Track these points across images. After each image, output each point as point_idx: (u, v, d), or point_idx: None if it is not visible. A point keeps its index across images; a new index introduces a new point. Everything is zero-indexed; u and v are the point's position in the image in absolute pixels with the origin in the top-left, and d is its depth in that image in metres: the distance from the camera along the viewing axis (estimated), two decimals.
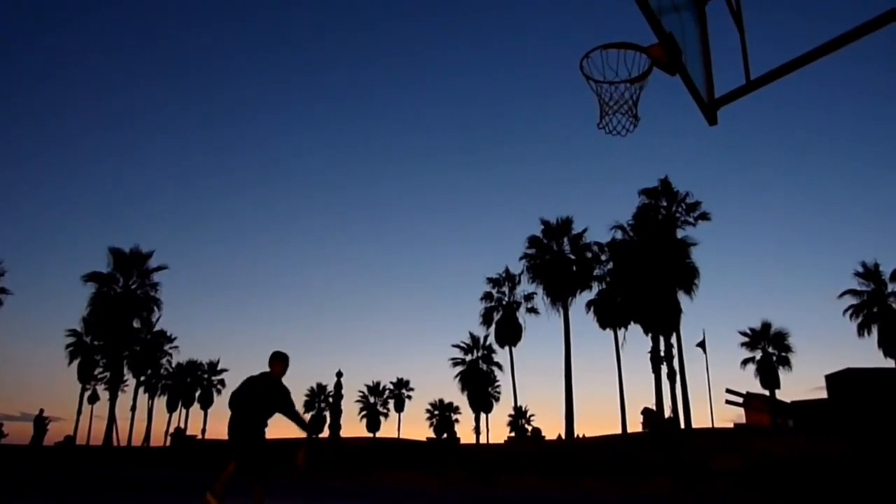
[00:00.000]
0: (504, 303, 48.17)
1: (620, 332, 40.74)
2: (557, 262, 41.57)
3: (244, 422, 7.15)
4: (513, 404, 51.81)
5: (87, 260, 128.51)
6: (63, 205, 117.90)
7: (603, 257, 41.07)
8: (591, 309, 41.78)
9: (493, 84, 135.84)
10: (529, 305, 46.81)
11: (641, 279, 35.65)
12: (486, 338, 52.39)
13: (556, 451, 37.48)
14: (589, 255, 41.86)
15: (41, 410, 37.04)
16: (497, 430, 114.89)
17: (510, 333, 47.24)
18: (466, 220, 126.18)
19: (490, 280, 48.49)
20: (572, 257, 41.90)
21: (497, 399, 57.87)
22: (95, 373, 51.78)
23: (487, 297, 48.26)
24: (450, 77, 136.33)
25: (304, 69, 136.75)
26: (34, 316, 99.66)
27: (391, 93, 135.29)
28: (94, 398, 49.31)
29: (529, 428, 78.65)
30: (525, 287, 47.23)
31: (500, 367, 53.45)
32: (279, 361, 7.17)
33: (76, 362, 50.14)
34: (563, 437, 42.04)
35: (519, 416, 65.30)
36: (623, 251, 38.01)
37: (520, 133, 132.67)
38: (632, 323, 38.41)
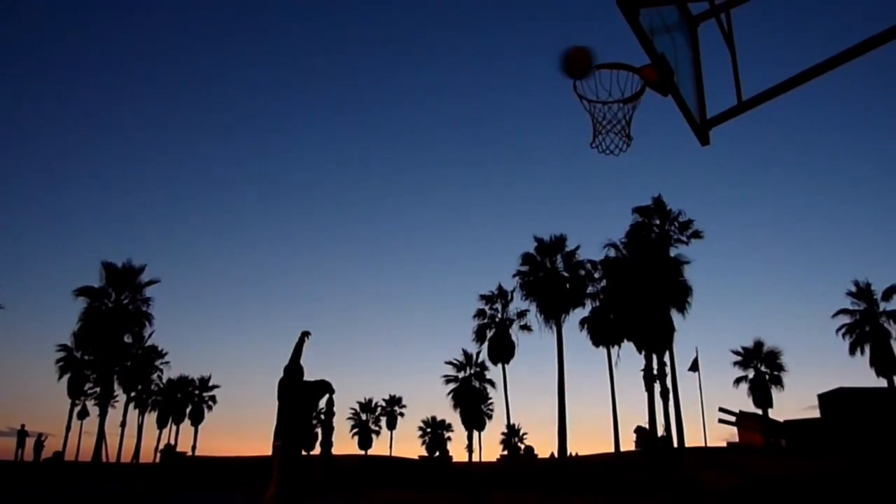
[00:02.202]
0: (497, 320, 48.01)
1: (614, 350, 40.70)
2: (551, 280, 41.54)
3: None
4: (506, 422, 51.59)
5: (78, 274, 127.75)
6: (55, 219, 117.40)
7: (596, 275, 41.09)
8: (585, 327, 41.74)
9: (488, 102, 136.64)
10: (522, 323, 46.64)
11: (635, 297, 35.69)
12: (478, 355, 52.21)
13: (548, 469, 37.27)
14: (582, 272, 41.86)
15: (22, 425, 36.71)
16: (490, 447, 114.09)
17: (503, 351, 47.05)
18: (460, 236, 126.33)
19: (483, 297, 48.36)
20: (566, 275, 41.89)
21: (490, 417, 57.59)
22: (85, 388, 51.36)
23: (480, 314, 48.13)
24: (444, 94, 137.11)
25: (295, 84, 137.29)
26: (24, 330, 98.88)
27: (385, 109, 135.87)
28: (83, 414, 48.84)
29: (522, 446, 78.29)
30: (518, 304, 47.00)
31: (492, 384, 53.27)
32: None
33: (66, 377, 49.73)
34: (556, 455, 41.84)
35: (512, 434, 64.97)
36: (616, 269, 38.07)
37: (514, 150, 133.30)
38: (625, 341, 38.39)
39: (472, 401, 52.86)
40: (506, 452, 67.65)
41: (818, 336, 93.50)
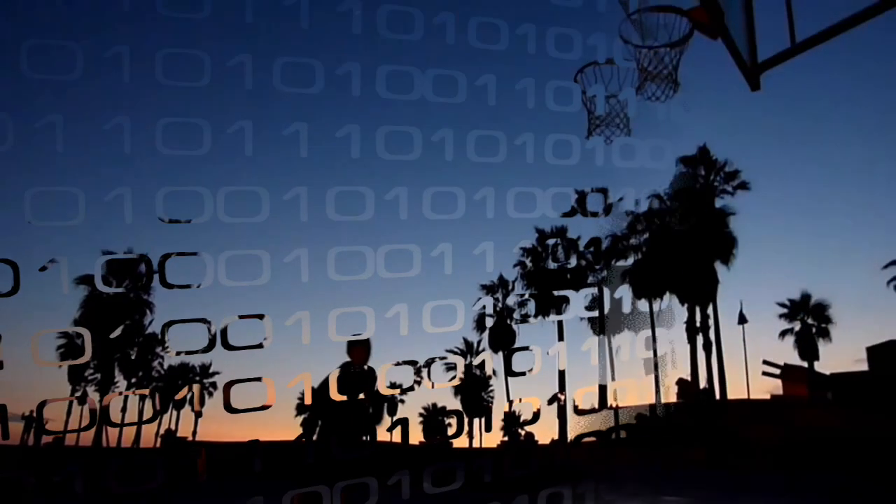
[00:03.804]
0: (497, 309, 48.18)
1: (655, 303, 39.69)
2: (551, 270, 41.51)
3: None
4: (506, 409, 51.76)
5: (79, 261, 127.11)
6: (56, 205, 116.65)
7: (639, 227, 40.14)
8: (627, 279, 40.81)
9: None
10: (523, 312, 46.80)
11: (678, 249, 35.09)
12: (479, 343, 52.49)
13: (550, 454, 37.12)
14: (583, 262, 41.74)
15: (30, 411, 36.64)
16: (490, 434, 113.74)
17: (503, 339, 47.23)
18: (458, 223, 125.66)
19: (484, 287, 48.44)
20: (566, 264, 41.86)
21: (490, 404, 57.78)
22: (86, 374, 51.31)
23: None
24: (443, 79, 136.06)
25: (297, 68, 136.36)
26: (30, 316, 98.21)
27: (381, 97, 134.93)
28: (83, 399, 48.79)
29: (522, 433, 78.14)
30: (519, 293, 47.15)
31: (493, 372, 53.46)
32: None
33: (67, 364, 49.65)
34: (556, 439, 42.02)
35: (512, 421, 65.10)
36: (660, 221, 37.39)
37: None
38: (667, 293, 37.40)
39: (472, 388, 53.01)
40: (506, 439, 67.75)
41: (869, 288, 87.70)
